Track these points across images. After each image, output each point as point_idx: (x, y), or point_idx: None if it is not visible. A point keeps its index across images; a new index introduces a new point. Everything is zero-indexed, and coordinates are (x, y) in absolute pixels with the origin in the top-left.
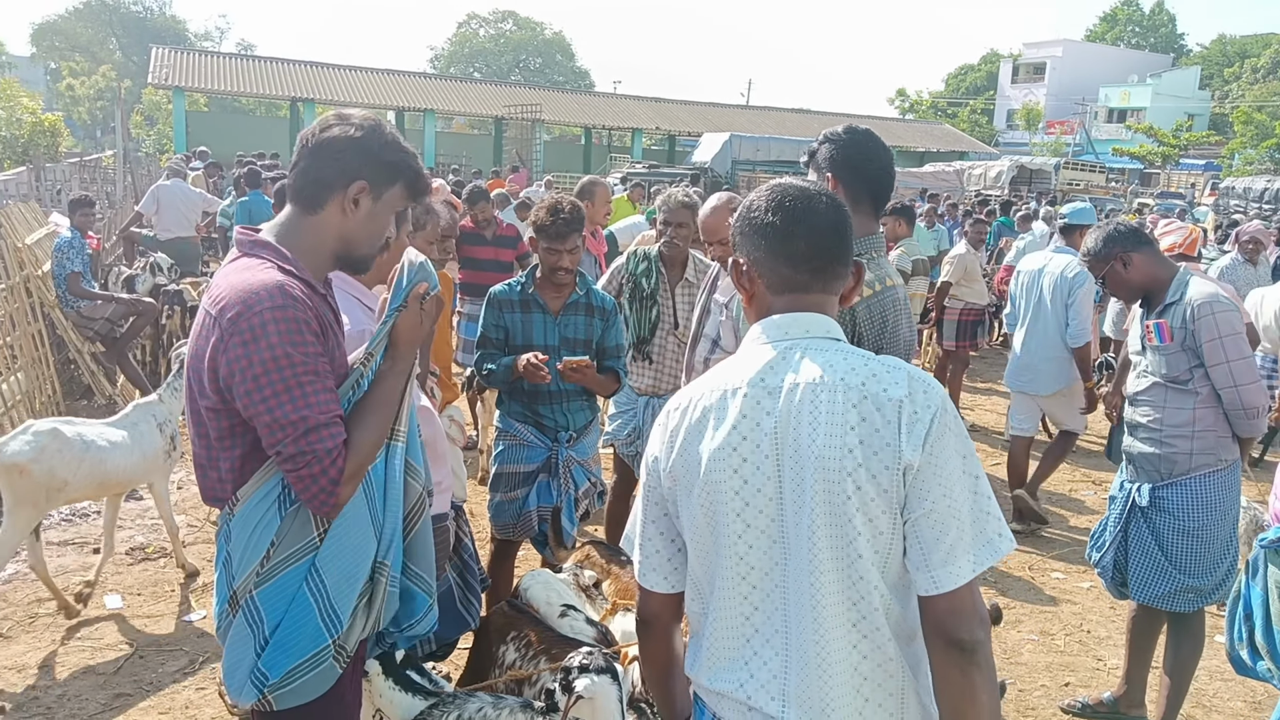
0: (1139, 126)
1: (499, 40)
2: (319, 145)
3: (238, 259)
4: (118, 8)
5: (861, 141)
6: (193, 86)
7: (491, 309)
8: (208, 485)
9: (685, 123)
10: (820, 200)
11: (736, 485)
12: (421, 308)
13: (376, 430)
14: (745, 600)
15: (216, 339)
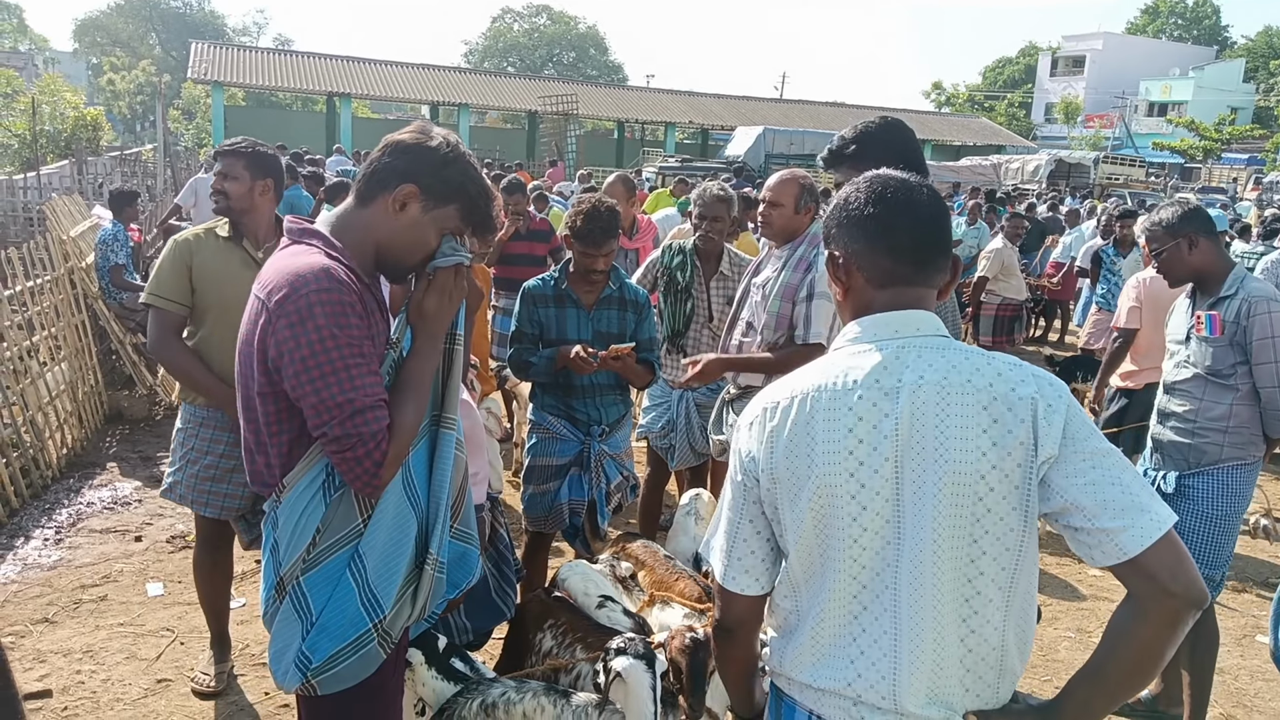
0: (1180, 120)
1: (533, 34)
2: (390, 145)
3: (287, 246)
4: (158, 4)
5: (894, 137)
6: (231, 81)
7: (525, 303)
8: (255, 471)
9: (718, 116)
10: (921, 191)
11: (853, 489)
12: (442, 282)
13: (415, 412)
14: (855, 599)
15: (265, 321)
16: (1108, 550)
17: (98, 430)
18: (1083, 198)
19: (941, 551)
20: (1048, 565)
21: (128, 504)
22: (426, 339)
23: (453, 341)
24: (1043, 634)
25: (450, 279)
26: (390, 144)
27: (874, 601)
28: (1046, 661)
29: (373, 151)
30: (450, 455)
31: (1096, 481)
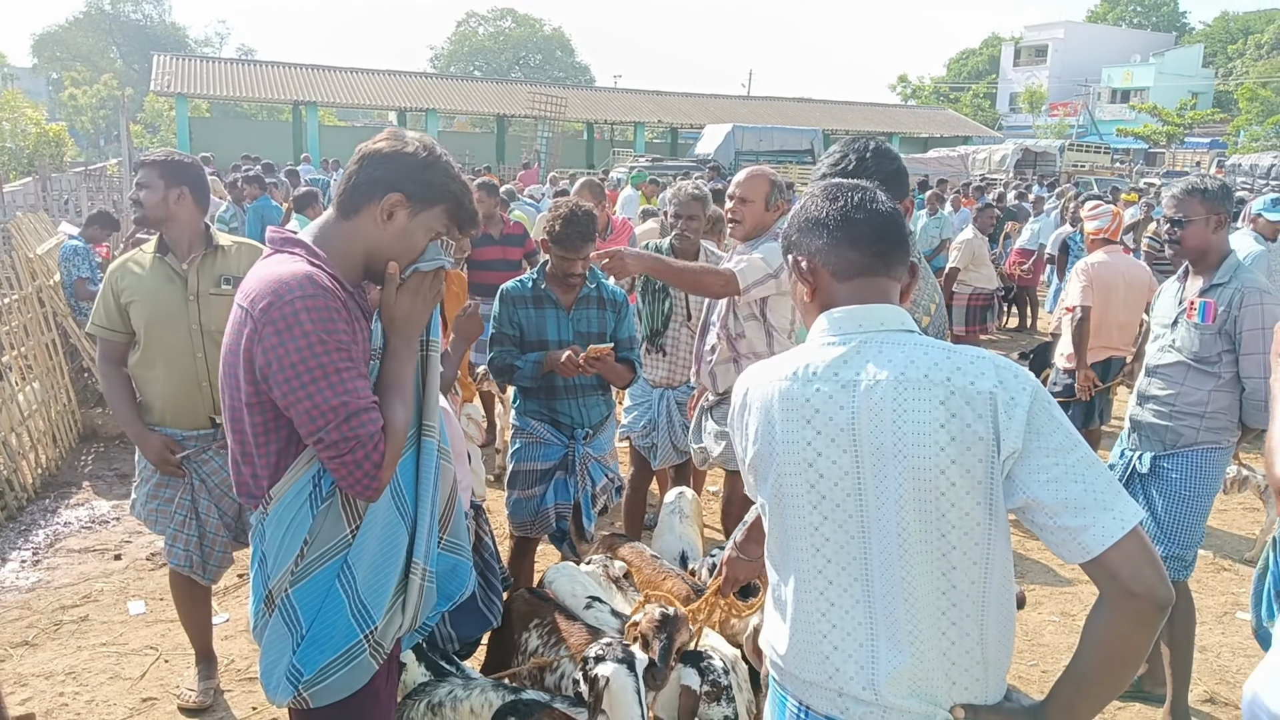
0: (1143, 106)
1: (498, 38)
2: (366, 155)
3: (269, 255)
4: (118, 16)
5: (885, 156)
6: (195, 93)
7: (504, 305)
8: (241, 481)
9: (687, 115)
10: (873, 191)
11: (811, 479)
12: (414, 284)
13: (404, 412)
14: (822, 595)
15: (250, 330)
16: (1071, 548)
17: (72, 449)
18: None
19: (909, 545)
20: (1030, 550)
21: (105, 522)
22: (401, 341)
23: (427, 348)
24: (1027, 619)
25: (423, 282)
26: (368, 154)
27: (843, 595)
28: (1032, 646)
29: (349, 164)
30: (433, 464)
31: (1059, 478)
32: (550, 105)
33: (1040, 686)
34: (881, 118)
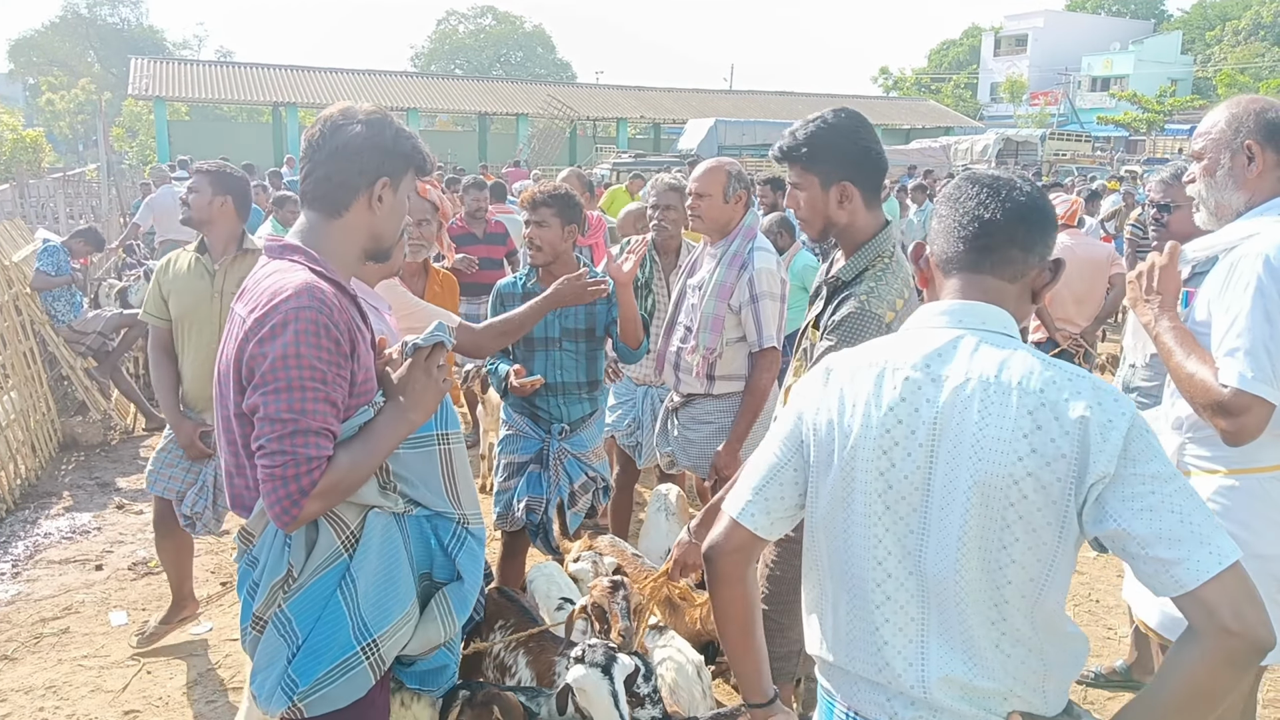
0: (1123, 94)
1: (479, 36)
2: (336, 150)
3: (267, 264)
4: (94, 20)
5: (854, 127)
6: (173, 96)
7: (496, 303)
8: (235, 493)
9: (669, 110)
10: (1010, 184)
11: (883, 467)
12: (432, 371)
13: (361, 460)
14: (879, 587)
15: (241, 339)
16: (1164, 581)
17: (52, 458)
18: (1035, 174)
19: (968, 550)
20: None
21: (86, 532)
22: (397, 409)
23: (448, 441)
24: None
25: (429, 359)
26: (333, 148)
27: (899, 589)
28: None
29: (312, 160)
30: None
31: (1154, 508)
32: (558, 106)
33: None
34: (863, 110)
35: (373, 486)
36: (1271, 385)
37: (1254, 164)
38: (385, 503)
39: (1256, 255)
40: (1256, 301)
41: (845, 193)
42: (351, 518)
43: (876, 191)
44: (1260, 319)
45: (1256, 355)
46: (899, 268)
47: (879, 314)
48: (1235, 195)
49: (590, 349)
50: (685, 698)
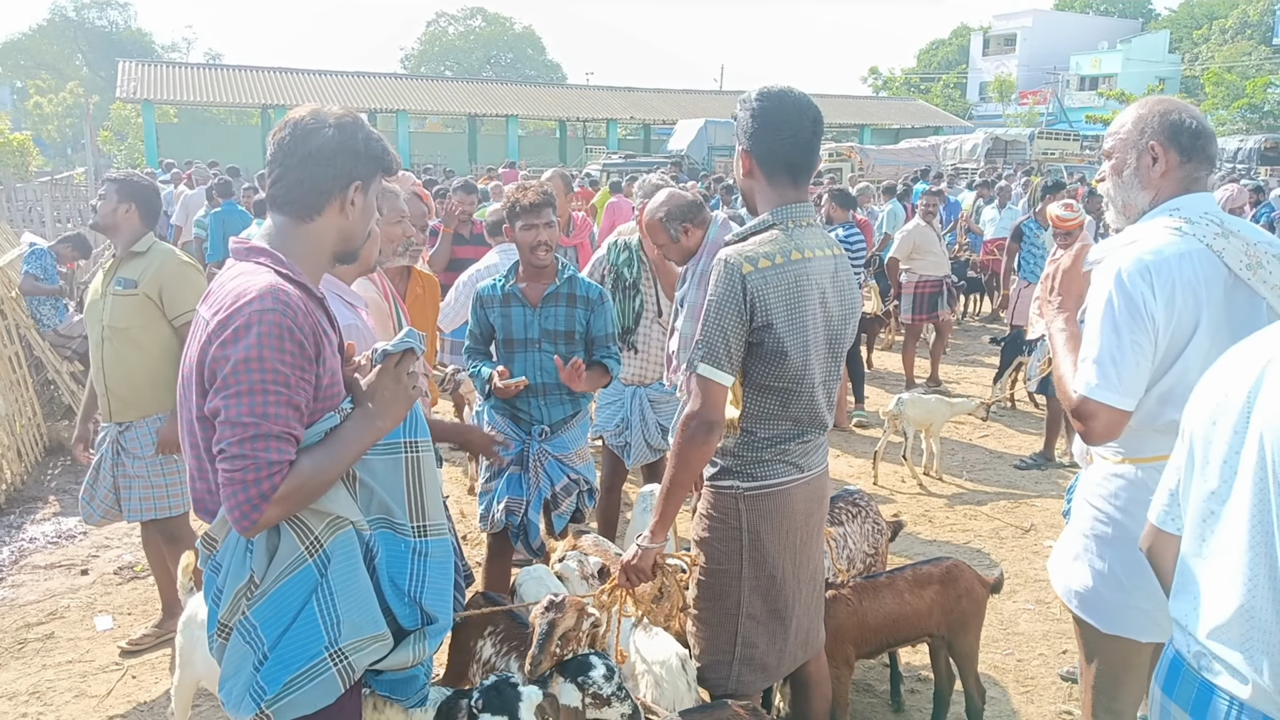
0: (1111, 93)
1: (469, 37)
2: (308, 155)
3: (233, 265)
4: (82, 24)
5: (773, 109)
6: (162, 99)
7: (477, 306)
8: (197, 497)
9: (659, 111)
10: None
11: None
12: (401, 378)
13: (325, 465)
14: (1244, 554)
15: (204, 342)
16: None
17: (38, 463)
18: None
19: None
20: (1004, 539)
21: (72, 537)
22: (365, 415)
23: (416, 450)
24: (1002, 607)
25: (398, 366)
26: (306, 153)
27: (1256, 560)
28: (1007, 635)
29: (281, 164)
30: (443, 567)
31: None
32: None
33: (1016, 675)
34: (853, 109)
35: (340, 494)
36: (1117, 392)
37: (1158, 164)
38: (351, 514)
39: (1113, 268)
40: (1107, 313)
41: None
42: (315, 524)
43: (799, 171)
44: (1109, 330)
45: (1103, 364)
46: (809, 229)
47: None
48: (1140, 194)
49: (570, 351)
50: (669, 690)
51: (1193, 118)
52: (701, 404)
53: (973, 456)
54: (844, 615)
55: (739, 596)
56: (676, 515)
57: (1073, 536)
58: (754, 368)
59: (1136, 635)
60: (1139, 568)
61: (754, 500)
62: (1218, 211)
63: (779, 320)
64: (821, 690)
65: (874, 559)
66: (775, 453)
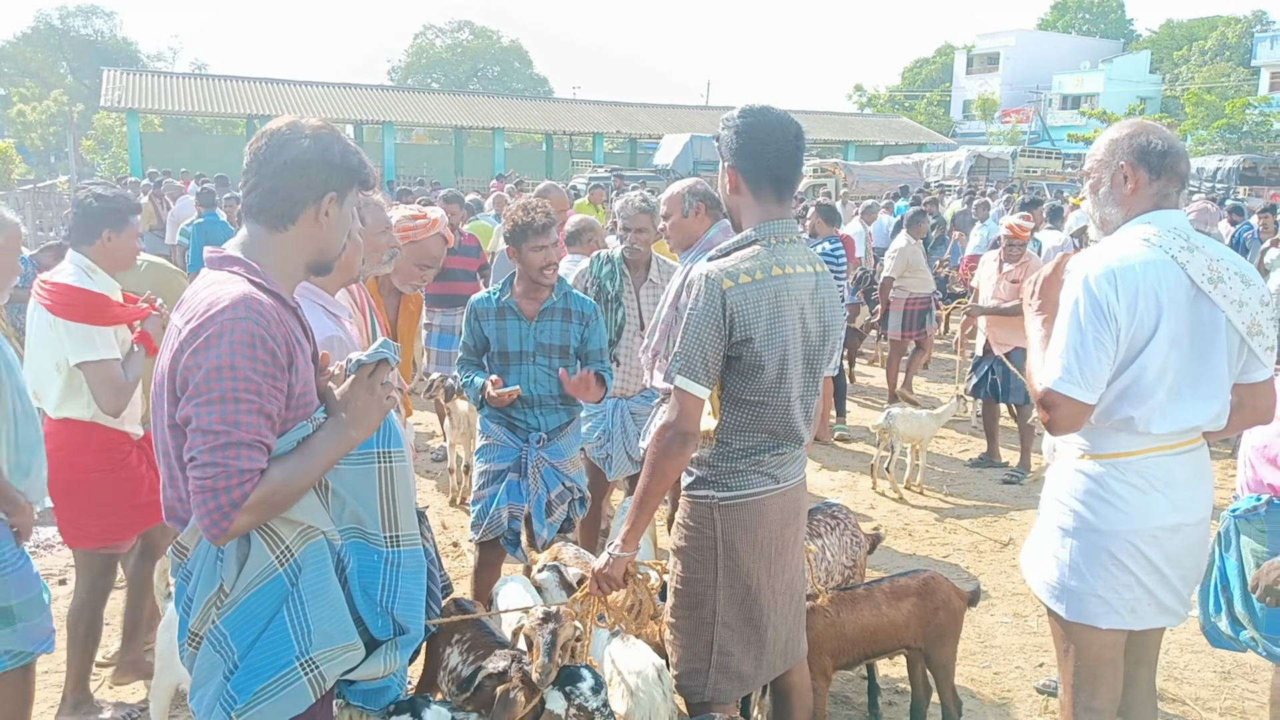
0: (1093, 112)
1: (456, 50)
2: (283, 165)
3: (207, 274)
4: (67, 32)
5: (756, 125)
6: (146, 108)
7: (471, 318)
8: (169, 505)
9: (646, 125)
10: None
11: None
12: (375, 388)
13: (296, 474)
14: None
15: (176, 350)
16: None
17: None
18: (1007, 191)
19: None
20: (983, 553)
21: (50, 547)
22: (338, 424)
23: (389, 460)
24: (980, 620)
25: (372, 375)
26: (281, 163)
27: None
28: (984, 648)
29: (257, 173)
30: (414, 576)
31: None
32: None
33: (993, 689)
34: (838, 126)
35: (312, 503)
36: (1079, 386)
37: (1128, 183)
38: (322, 523)
39: (1080, 271)
40: (1074, 312)
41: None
42: (287, 533)
43: (783, 186)
44: (1074, 328)
45: (1067, 359)
46: (793, 245)
47: None
48: (1115, 211)
49: (564, 364)
50: (645, 700)
51: (1161, 139)
52: (677, 415)
53: (954, 470)
54: (822, 627)
55: (714, 605)
56: (648, 524)
57: (1041, 529)
58: (731, 381)
59: (1097, 622)
60: (1098, 557)
61: (728, 510)
62: (1186, 227)
63: (758, 335)
64: (803, 700)
65: (852, 571)
66: (750, 464)
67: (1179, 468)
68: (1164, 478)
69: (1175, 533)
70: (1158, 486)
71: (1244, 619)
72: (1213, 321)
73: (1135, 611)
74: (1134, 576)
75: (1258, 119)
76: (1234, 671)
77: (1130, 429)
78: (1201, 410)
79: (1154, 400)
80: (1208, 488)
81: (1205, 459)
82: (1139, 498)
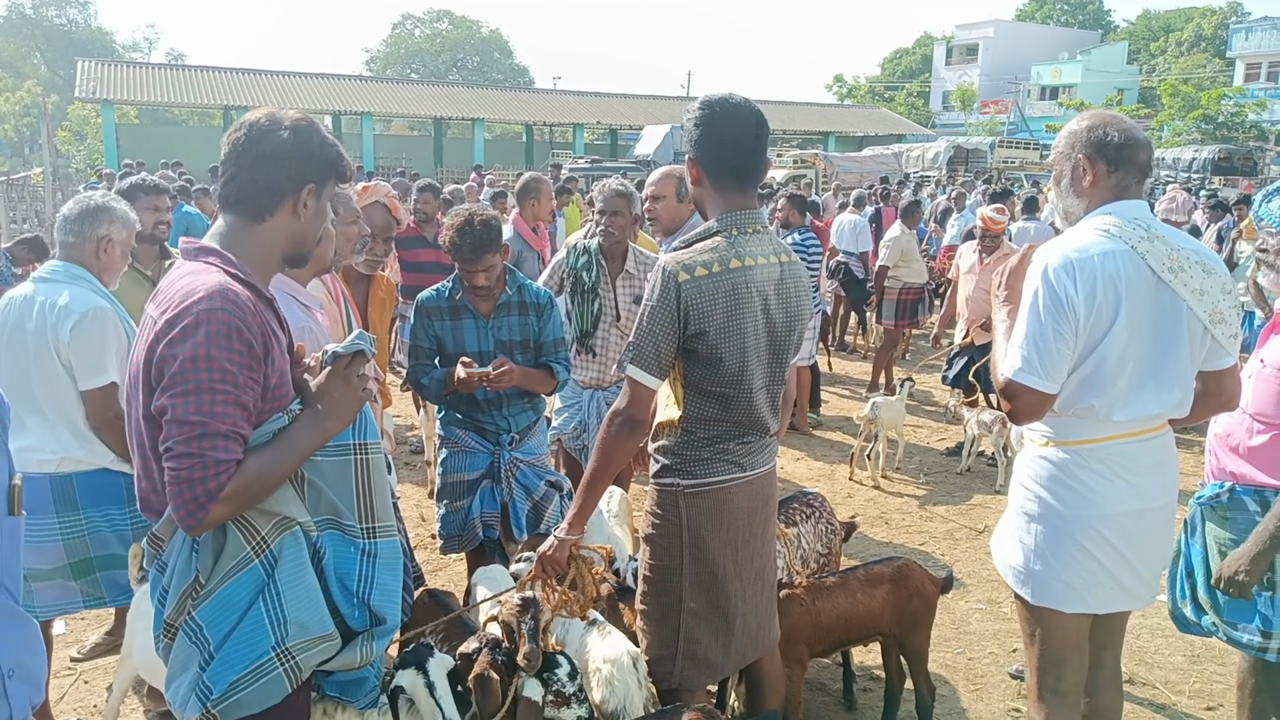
0: (1071, 103)
1: (435, 40)
2: (262, 155)
3: (182, 265)
4: (40, 22)
5: (714, 116)
6: (122, 99)
7: (420, 317)
8: (144, 496)
9: (626, 116)
10: None
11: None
12: (351, 380)
13: (273, 465)
14: None
15: (151, 340)
16: None
17: None
18: (985, 181)
19: None
20: (958, 540)
21: None
22: (314, 416)
23: (365, 452)
24: (954, 606)
25: (347, 368)
26: (259, 154)
27: None
28: (959, 634)
29: (234, 165)
30: (390, 567)
31: None
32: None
33: (967, 675)
34: (818, 117)
35: (288, 494)
36: (1039, 376)
37: (1087, 176)
38: (298, 515)
39: (1040, 262)
40: (1033, 303)
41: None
42: (263, 524)
43: (744, 176)
44: (1034, 319)
45: (1027, 350)
46: (758, 235)
47: None
48: (1076, 202)
49: (525, 360)
50: (620, 688)
51: (1118, 131)
52: (627, 403)
53: (930, 460)
54: (798, 614)
55: (680, 592)
56: (594, 507)
57: (1009, 516)
58: (692, 371)
59: (1061, 606)
60: (1062, 542)
61: (693, 497)
62: (1148, 218)
63: (713, 328)
64: (775, 688)
65: (827, 559)
66: (715, 451)
67: (1142, 454)
68: (1126, 464)
69: (1138, 518)
70: (1120, 473)
71: (1206, 604)
72: (1174, 310)
73: (1099, 596)
74: (1098, 561)
75: (1233, 110)
76: (1203, 655)
77: (1092, 417)
78: (1163, 398)
79: (1115, 389)
80: (1172, 474)
81: (1170, 446)
82: (1102, 484)
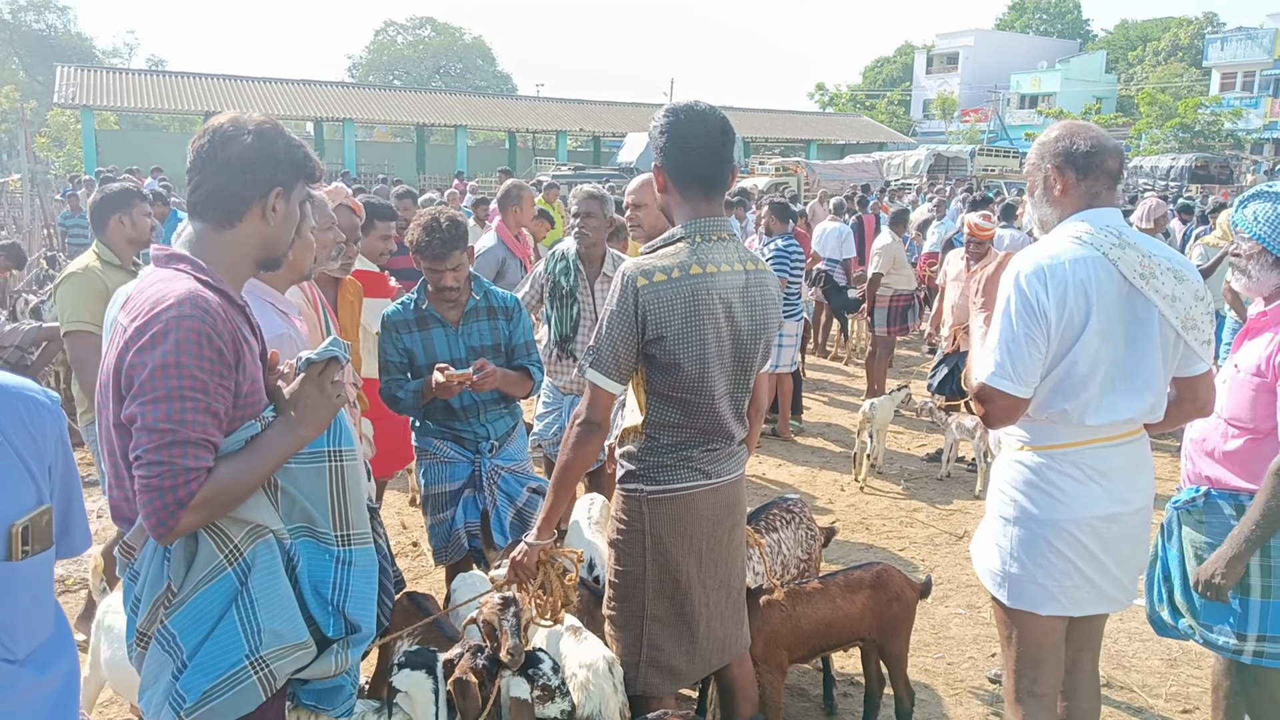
0: (1050, 111)
1: (418, 47)
2: (227, 161)
3: (153, 272)
4: (18, 26)
5: (679, 124)
6: (101, 105)
7: (388, 331)
8: (115, 504)
9: (609, 124)
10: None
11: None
12: (325, 386)
13: (245, 473)
14: None
15: (121, 348)
16: None
17: None
18: (966, 189)
19: None
20: (938, 545)
21: None
22: (287, 423)
23: (340, 459)
24: (934, 612)
25: (322, 374)
26: (225, 160)
27: None
28: (938, 639)
29: (201, 171)
30: (366, 575)
31: None
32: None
33: (946, 679)
34: (800, 125)
35: (261, 502)
36: (1011, 380)
37: (1057, 185)
38: (271, 522)
39: (1013, 270)
40: (1006, 309)
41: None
42: (235, 532)
43: (709, 184)
44: (1007, 325)
45: (1000, 355)
46: (725, 244)
47: None
48: (1049, 211)
49: (498, 365)
50: (596, 693)
51: (1086, 140)
52: (587, 407)
53: (911, 465)
54: (778, 620)
55: (644, 598)
56: (560, 512)
57: (987, 519)
58: (654, 377)
59: (1037, 609)
60: (1037, 546)
61: (656, 504)
62: (1120, 225)
63: (670, 334)
64: (748, 695)
65: (807, 564)
66: (678, 458)
67: (1116, 458)
68: (1100, 468)
69: (1112, 522)
70: (1093, 477)
71: (1183, 608)
72: (1146, 316)
73: (1074, 599)
74: (1072, 564)
75: (1209, 119)
76: (1180, 659)
77: (1065, 421)
78: (1135, 403)
79: (1087, 393)
80: (1147, 478)
81: (1145, 450)
82: (1075, 488)
